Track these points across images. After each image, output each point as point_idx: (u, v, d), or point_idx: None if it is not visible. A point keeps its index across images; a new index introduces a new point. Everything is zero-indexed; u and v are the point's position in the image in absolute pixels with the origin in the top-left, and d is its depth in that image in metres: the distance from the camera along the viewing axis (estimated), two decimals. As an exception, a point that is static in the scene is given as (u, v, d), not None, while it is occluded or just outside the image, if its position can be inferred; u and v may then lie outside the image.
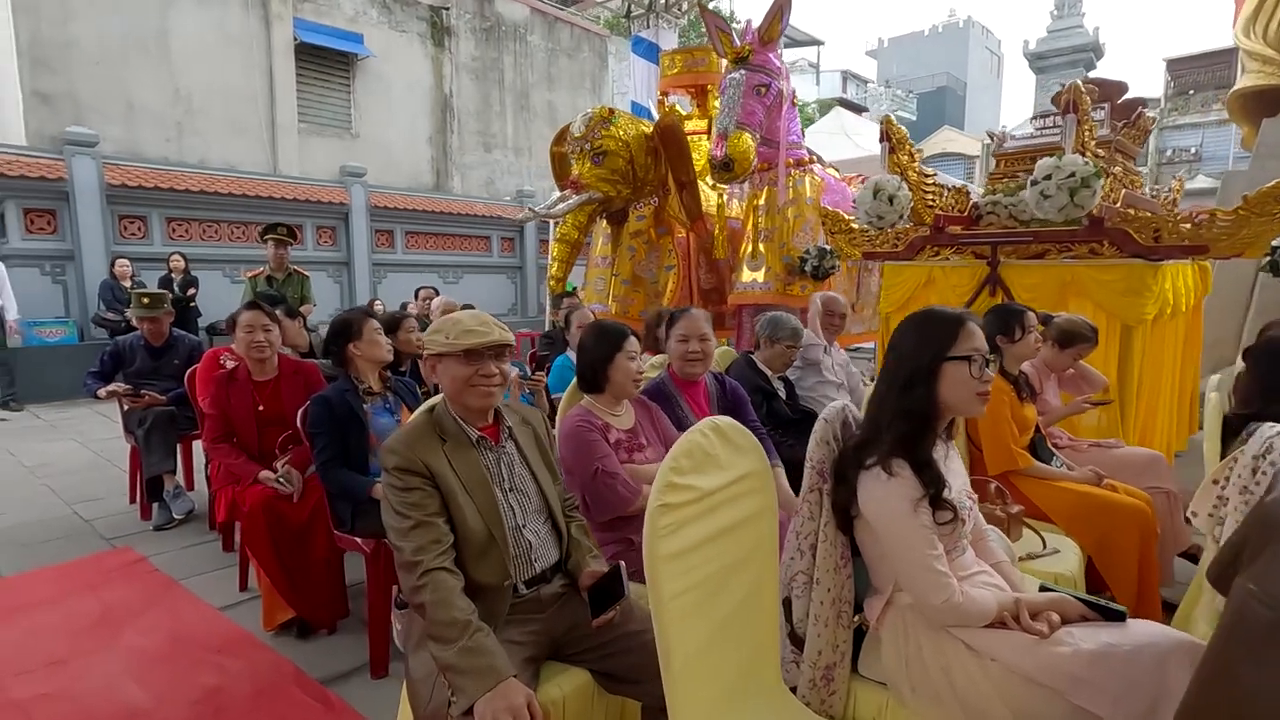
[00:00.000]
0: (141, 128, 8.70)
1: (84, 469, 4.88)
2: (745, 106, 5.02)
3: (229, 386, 2.81)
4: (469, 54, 11.88)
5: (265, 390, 2.85)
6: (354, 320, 2.60)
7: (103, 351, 3.98)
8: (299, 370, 2.94)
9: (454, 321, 1.63)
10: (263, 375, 2.87)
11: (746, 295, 5.56)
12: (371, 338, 2.61)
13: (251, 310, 2.82)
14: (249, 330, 2.79)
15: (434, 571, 1.45)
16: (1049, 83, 12.47)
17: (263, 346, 2.80)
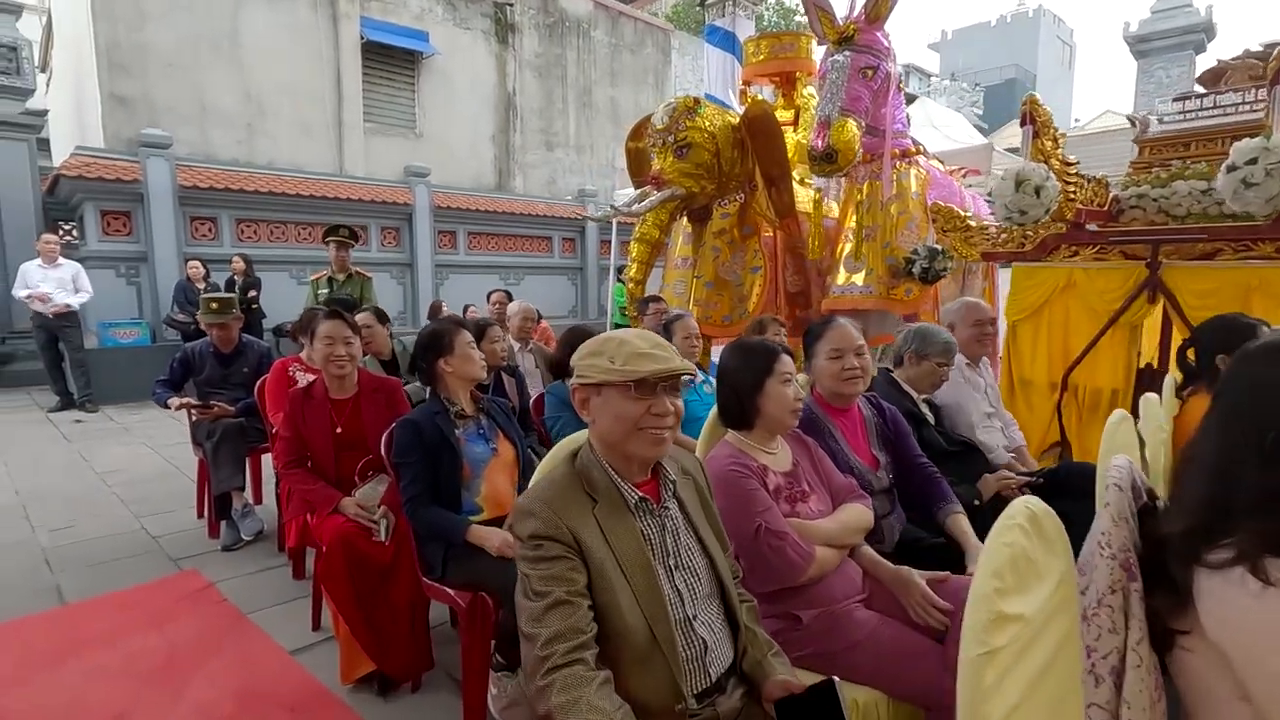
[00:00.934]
0: (213, 129, 8.73)
1: (153, 478, 4.73)
2: (850, 91, 4.53)
3: (304, 405, 2.50)
4: (532, 50, 11.65)
5: (344, 410, 2.53)
6: (445, 333, 2.26)
7: (172, 358, 3.78)
8: (380, 387, 2.62)
9: (618, 342, 1.24)
10: (341, 393, 2.55)
11: (844, 299, 5.07)
12: (465, 352, 2.26)
13: (332, 320, 2.51)
14: (329, 342, 2.48)
15: (568, 667, 1.06)
16: (1152, 67, 11.48)
17: (343, 361, 2.49)
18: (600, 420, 1.24)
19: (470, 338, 2.28)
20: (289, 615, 2.79)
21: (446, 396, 2.26)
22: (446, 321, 2.31)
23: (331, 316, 2.52)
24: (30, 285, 6.62)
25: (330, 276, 5.74)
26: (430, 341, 2.27)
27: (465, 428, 2.25)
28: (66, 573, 3.21)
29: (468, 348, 2.26)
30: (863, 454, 2.01)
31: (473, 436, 2.25)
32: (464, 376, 2.26)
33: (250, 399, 3.69)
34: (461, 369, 2.25)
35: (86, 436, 5.94)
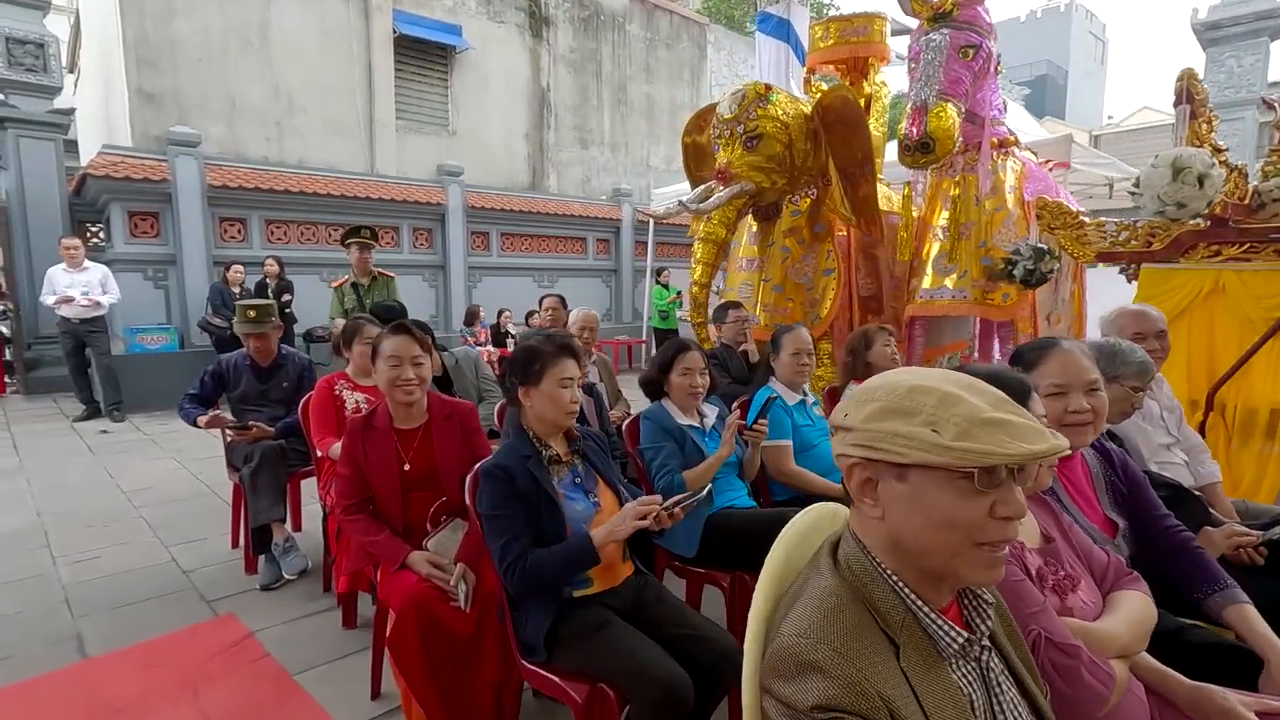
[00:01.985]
0: (243, 127, 8.43)
1: (184, 497, 4.38)
2: (949, 73, 4.06)
3: (365, 437, 2.09)
4: (567, 45, 11.26)
5: (411, 442, 2.12)
6: (537, 358, 1.82)
7: (204, 371, 3.41)
8: (453, 413, 2.20)
9: (941, 398, 0.79)
10: (408, 422, 2.14)
11: (933, 305, 4.60)
12: (552, 392, 1.81)
13: (398, 337, 2.09)
14: (395, 363, 2.07)
15: None
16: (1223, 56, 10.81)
17: (412, 386, 2.07)
18: (901, 518, 0.80)
19: (571, 370, 1.84)
20: (343, 678, 2.38)
21: (535, 436, 1.84)
22: (549, 340, 1.87)
23: (398, 331, 2.10)
24: (57, 290, 6.35)
25: (354, 282, 5.38)
26: (518, 363, 1.85)
27: (559, 476, 1.83)
28: (89, 617, 2.84)
29: (559, 386, 1.81)
30: (1095, 517, 1.55)
31: (570, 488, 1.82)
32: (544, 419, 1.84)
33: (291, 418, 3.31)
34: (542, 409, 1.82)
35: (112, 449, 5.62)
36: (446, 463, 2.09)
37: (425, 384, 2.09)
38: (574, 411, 1.84)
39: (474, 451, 2.15)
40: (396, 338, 2.08)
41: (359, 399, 2.98)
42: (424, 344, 2.11)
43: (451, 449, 2.11)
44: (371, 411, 2.14)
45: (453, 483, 2.08)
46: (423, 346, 2.10)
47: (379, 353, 2.08)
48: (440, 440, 2.12)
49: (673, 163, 13.14)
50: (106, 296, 6.51)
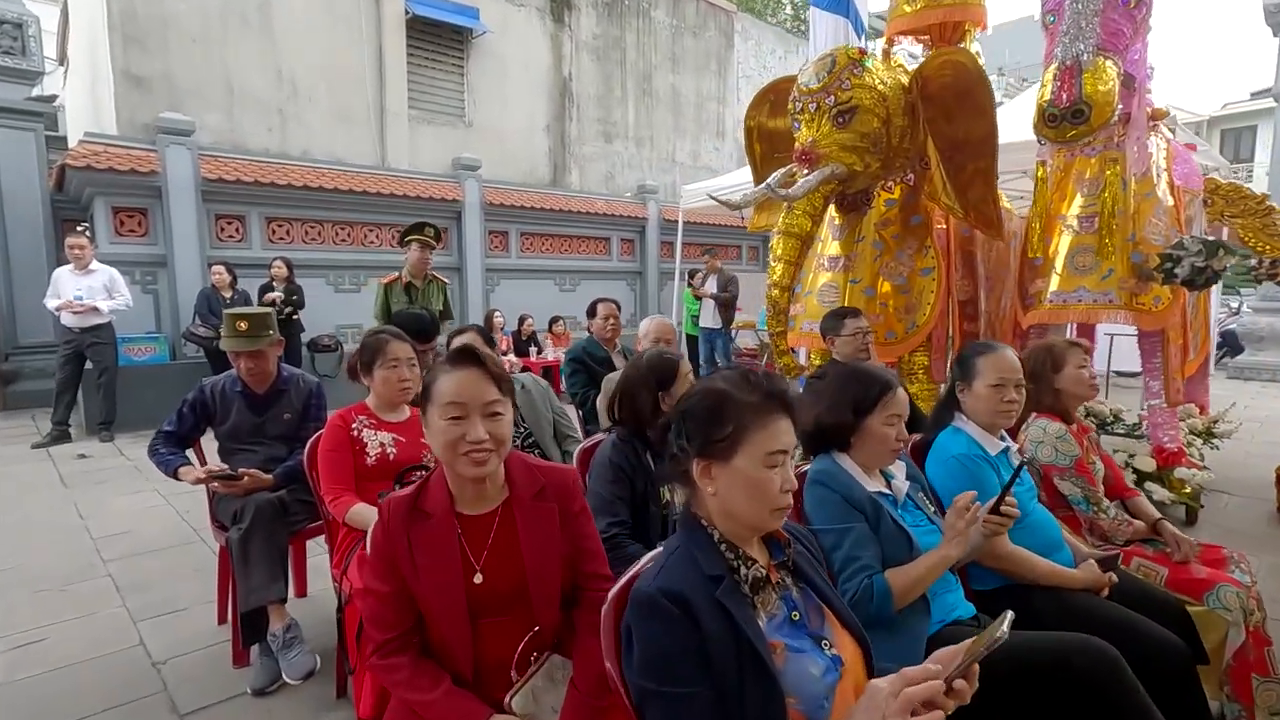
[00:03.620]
0: (242, 115, 7.68)
1: (165, 546, 3.60)
2: (1108, 22, 3.28)
3: (411, 530, 1.30)
4: (590, 31, 10.51)
5: (483, 536, 1.32)
6: (739, 407, 1.06)
7: (182, 400, 2.63)
8: (546, 488, 1.39)
9: None
10: (480, 505, 1.34)
11: (1069, 310, 3.81)
12: (757, 475, 1.05)
13: (464, 370, 1.28)
14: (457, 413, 1.26)
15: None
16: (1300, 39, 10.03)
17: (485, 451, 1.26)
18: None
19: (785, 436, 1.06)
20: None
21: (721, 537, 1.06)
22: (745, 383, 1.09)
23: (462, 363, 1.30)
24: (60, 294, 5.62)
25: (409, 282, 4.74)
26: (696, 418, 1.08)
27: (769, 611, 1.05)
28: (17, 746, 2.07)
29: (764, 465, 1.05)
30: None
31: (789, 632, 1.04)
32: (736, 517, 1.07)
33: (294, 461, 2.55)
34: (734, 501, 1.07)
35: (89, 480, 4.86)
36: (540, 568, 1.31)
37: (505, 446, 1.30)
38: (786, 507, 1.06)
39: (579, 545, 1.37)
40: (460, 373, 1.28)
41: (384, 441, 2.21)
42: (503, 383, 1.32)
43: (546, 545, 1.32)
44: (419, 487, 1.35)
45: (549, 600, 1.31)
46: (501, 387, 1.31)
47: (431, 397, 1.30)
48: (530, 532, 1.33)
49: (699, 158, 12.39)
50: (110, 302, 5.79)
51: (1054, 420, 2.17)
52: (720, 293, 8.55)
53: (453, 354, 1.32)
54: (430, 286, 4.96)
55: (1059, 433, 2.13)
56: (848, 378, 1.70)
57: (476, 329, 2.64)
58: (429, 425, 1.30)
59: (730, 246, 12.20)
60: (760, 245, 12.78)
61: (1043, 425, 2.18)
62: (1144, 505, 2.32)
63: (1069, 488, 2.12)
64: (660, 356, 1.98)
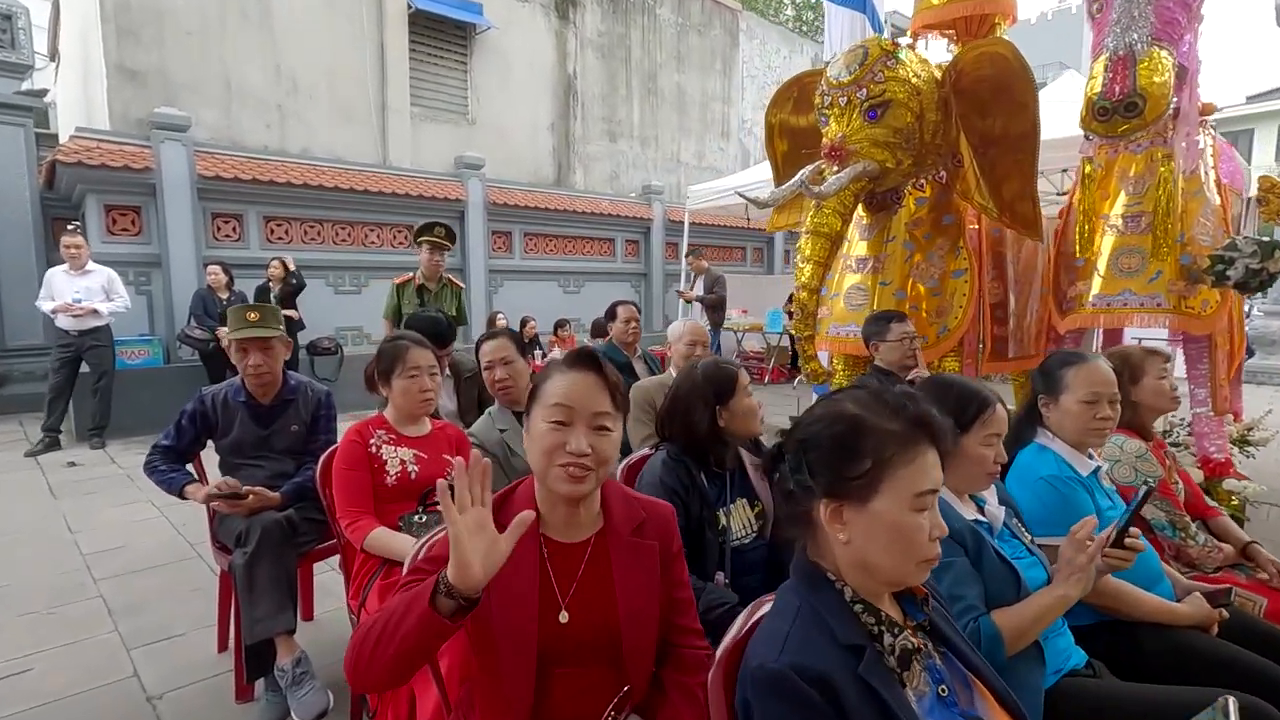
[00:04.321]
0: (239, 111, 7.46)
1: (162, 563, 3.39)
2: (1162, 10, 3.12)
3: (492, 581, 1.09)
4: (594, 28, 10.32)
5: (572, 563, 1.10)
6: (879, 436, 0.87)
7: (180, 412, 2.43)
8: (647, 523, 1.14)
9: None
10: (573, 533, 1.12)
11: (1115, 314, 3.63)
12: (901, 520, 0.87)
13: (580, 373, 1.12)
14: (561, 421, 1.07)
15: None
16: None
17: (586, 470, 1.06)
18: None
19: (934, 472, 0.89)
20: None
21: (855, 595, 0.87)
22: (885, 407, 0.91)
23: (580, 366, 1.12)
24: (55, 296, 5.39)
25: (421, 284, 4.53)
26: (826, 448, 0.89)
27: (917, 688, 0.85)
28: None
29: (910, 507, 0.89)
30: None
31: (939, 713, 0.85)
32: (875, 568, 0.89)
33: (303, 477, 2.36)
34: (872, 549, 0.90)
35: (79, 490, 4.63)
36: (637, 614, 1.11)
37: (606, 467, 1.10)
38: (934, 559, 0.88)
39: (673, 594, 1.18)
40: (575, 375, 1.10)
41: (405, 458, 2.01)
42: (617, 396, 1.12)
43: (645, 588, 1.13)
44: (503, 497, 1.14)
45: (643, 653, 1.12)
46: (615, 400, 1.12)
47: (538, 396, 1.11)
48: (627, 571, 1.13)
49: (704, 158, 12.21)
50: (109, 304, 5.57)
51: (1132, 436, 1.99)
52: (707, 294, 8.27)
53: (571, 355, 1.15)
54: (444, 290, 4.72)
55: (1139, 451, 1.94)
56: (940, 391, 1.51)
57: (510, 334, 2.44)
58: (529, 429, 1.12)
59: (734, 248, 12.04)
60: (764, 247, 12.62)
61: (1119, 442, 1.99)
62: (1230, 526, 2.14)
63: (1152, 511, 1.94)
64: (717, 366, 1.79)
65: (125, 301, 5.71)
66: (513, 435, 2.27)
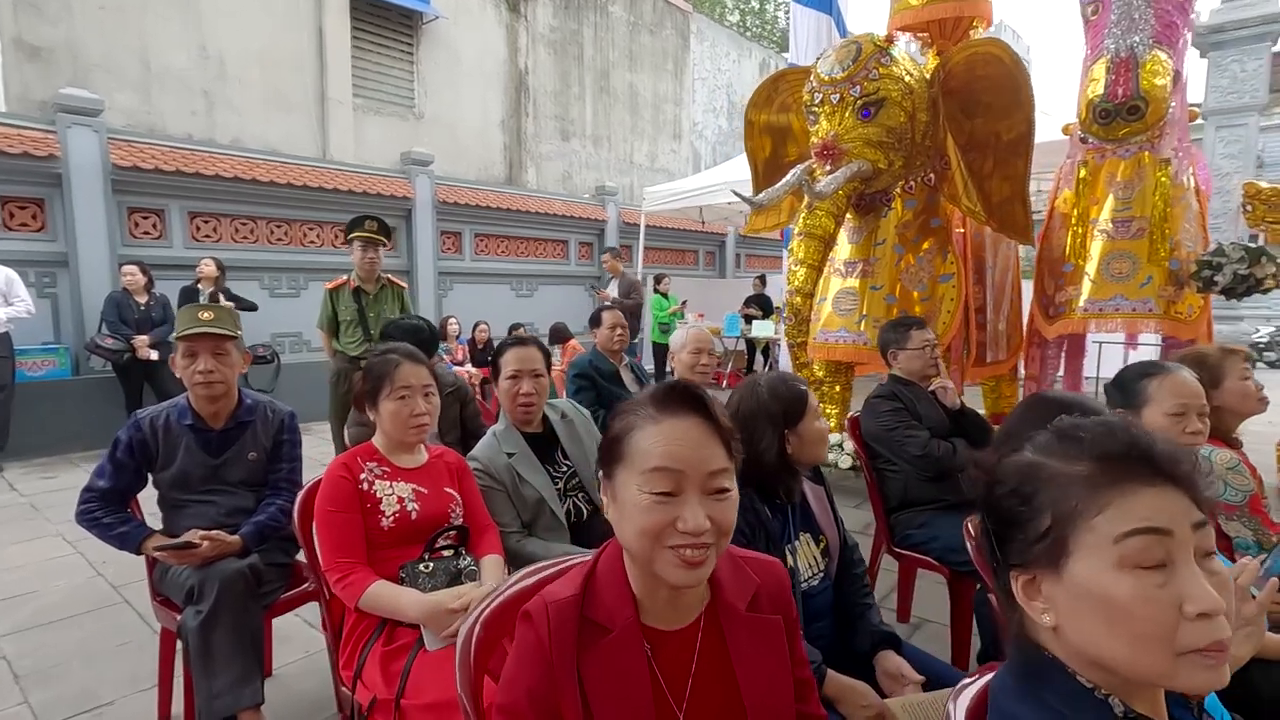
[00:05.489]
0: (160, 95, 6.77)
1: (75, 612, 2.90)
2: (1160, 14, 3.11)
3: (582, 651, 0.80)
4: (546, 23, 10.00)
5: (681, 655, 0.84)
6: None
7: (113, 443, 2.00)
8: (762, 591, 0.89)
9: None
10: (677, 618, 0.85)
11: (1103, 318, 3.62)
12: (1143, 591, 0.65)
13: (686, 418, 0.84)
14: (668, 491, 0.80)
15: None
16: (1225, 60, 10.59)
17: (704, 548, 0.79)
18: None
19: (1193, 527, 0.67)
20: None
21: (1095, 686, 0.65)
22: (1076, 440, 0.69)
23: (680, 407, 0.84)
24: None
25: (358, 287, 4.08)
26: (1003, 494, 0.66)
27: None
28: None
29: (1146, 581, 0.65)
30: None
31: None
32: (1103, 666, 0.67)
33: (265, 516, 1.99)
34: (1090, 628, 0.67)
35: (-30, 523, 4.01)
36: (768, 709, 0.85)
37: (728, 537, 0.83)
38: (1216, 649, 0.66)
39: (796, 674, 0.93)
40: (677, 425, 0.83)
41: (403, 495, 1.69)
42: (731, 440, 0.85)
43: (774, 676, 0.88)
44: (584, 587, 0.86)
45: None
46: (730, 449, 0.84)
47: (624, 455, 0.83)
48: (748, 657, 0.87)
49: (656, 160, 12.05)
50: (9, 309, 4.89)
51: (1221, 447, 1.86)
52: (623, 299, 7.56)
53: (663, 394, 0.85)
54: (384, 292, 4.22)
55: (1231, 463, 1.80)
56: (1048, 408, 1.32)
57: (538, 343, 2.13)
58: (616, 495, 0.85)
59: (688, 251, 11.92)
60: (716, 250, 12.55)
61: (1207, 454, 1.85)
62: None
63: (1237, 529, 1.82)
64: (784, 383, 1.55)
65: (27, 305, 5.04)
66: (521, 460, 1.99)
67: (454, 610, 1.50)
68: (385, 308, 4.17)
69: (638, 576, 0.86)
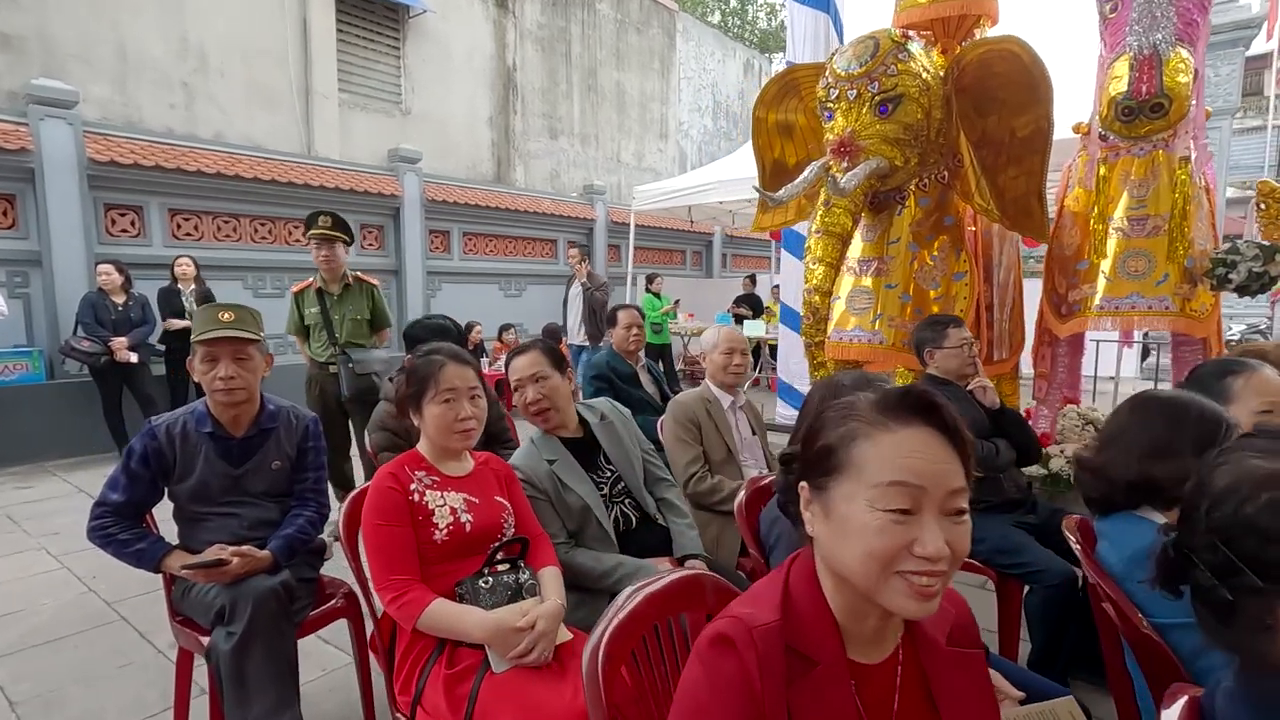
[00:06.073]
0: (139, 87, 6.51)
1: (68, 632, 2.72)
2: (1182, 11, 3.10)
3: (790, 684, 0.71)
4: (534, 20, 9.86)
5: (883, 690, 0.74)
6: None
7: (126, 454, 1.85)
8: (958, 616, 0.83)
9: None
10: (877, 650, 0.76)
11: (1119, 317, 3.61)
12: None
13: (923, 428, 0.75)
14: (906, 509, 0.71)
15: None
16: (1201, 65, 10.87)
17: (936, 578, 0.69)
18: None
19: None
20: None
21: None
22: None
23: (918, 416, 0.74)
24: None
25: (320, 288, 3.84)
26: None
27: None
28: None
29: None
30: None
31: None
32: None
33: (293, 529, 1.87)
34: None
35: (-57, 538, 3.78)
36: None
37: (957, 565, 0.75)
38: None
39: None
40: (915, 435, 0.73)
41: (455, 505, 1.58)
42: (969, 459, 0.75)
43: (980, 714, 0.80)
44: (784, 616, 0.76)
45: None
46: (968, 466, 0.74)
47: (848, 464, 0.73)
48: (951, 696, 0.78)
49: (644, 159, 11.98)
50: None
51: None
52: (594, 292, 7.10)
53: (900, 400, 0.76)
54: (350, 292, 3.86)
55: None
56: (1181, 410, 1.27)
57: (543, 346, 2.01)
58: (832, 513, 0.75)
59: (675, 251, 11.87)
60: (703, 250, 12.52)
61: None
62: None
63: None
64: (869, 383, 1.47)
65: (1, 308, 4.79)
66: (563, 466, 1.89)
67: (520, 629, 1.40)
68: (351, 309, 3.86)
69: (845, 603, 0.77)
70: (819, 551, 0.77)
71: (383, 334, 4.08)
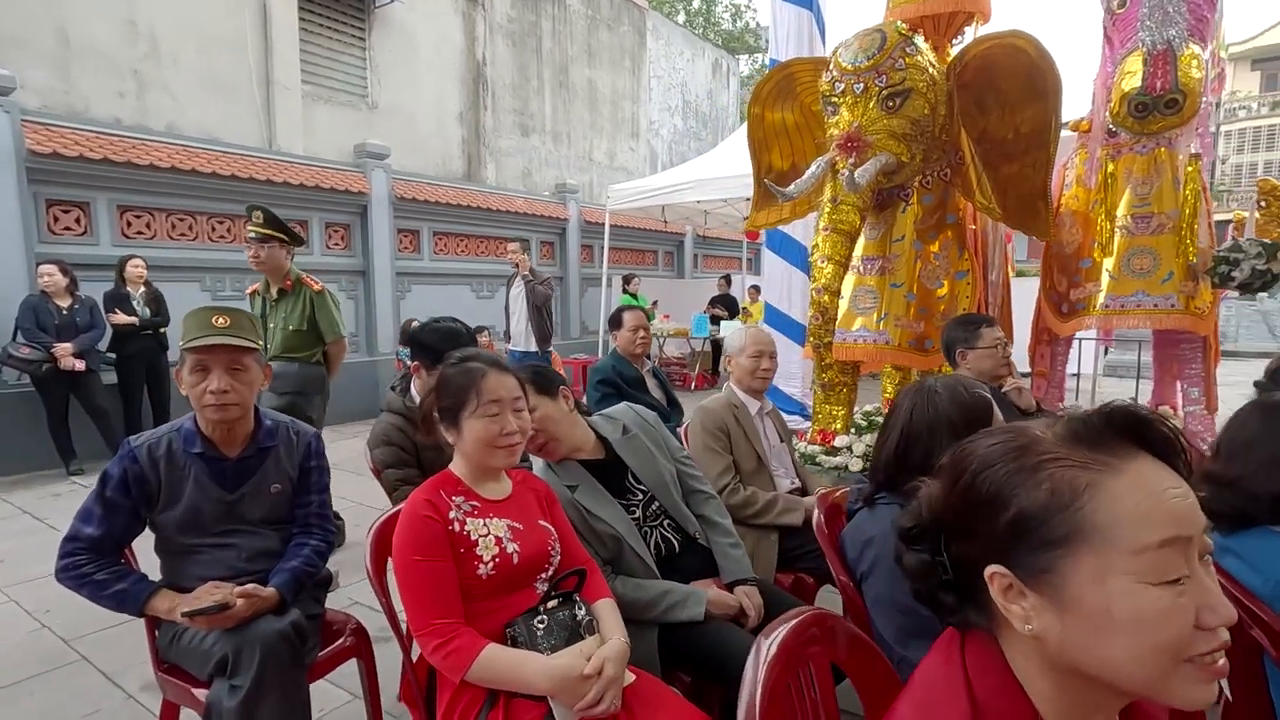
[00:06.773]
0: (83, 74, 6.03)
1: (22, 676, 2.42)
2: (1194, 7, 3.09)
3: None
4: (504, 13, 9.59)
5: None
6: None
7: (101, 480, 1.60)
8: None
9: None
10: None
11: (1126, 315, 3.60)
12: None
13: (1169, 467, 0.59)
14: (1178, 579, 0.54)
15: None
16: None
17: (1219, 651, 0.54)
18: None
19: None
20: None
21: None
22: None
23: (1145, 441, 0.58)
24: None
25: (255, 291, 3.57)
26: None
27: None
28: None
29: None
30: None
31: None
32: None
33: (299, 561, 1.66)
34: None
35: None
36: None
37: None
38: None
39: None
40: (1154, 466, 0.57)
41: (499, 534, 1.39)
42: (1192, 469, 0.60)
43: None
44: (967, 682, 0.60)
45: None
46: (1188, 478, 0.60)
47: (1064, 522, 0.56)
48: None
49: (615, 158, 11.80)
50: None
51: None
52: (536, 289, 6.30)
53: (1107, 424, 0.59)
54: (288, 297, 3.44)
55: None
56: None
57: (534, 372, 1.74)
58: (1072, 602, 0.57)
59: (648, 251, 11.72)
60: (675, 250, 12.41)
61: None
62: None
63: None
64: (965, 388, 1.34)
65: None
66: (586, 492, 1.69)
67: (588, 676, 1.23)
68: (289, 316, 3.43)
69: (1068, 704, 0.60)
70: (1046, 650, 0.59)
71: (336, 346, 3.57)
